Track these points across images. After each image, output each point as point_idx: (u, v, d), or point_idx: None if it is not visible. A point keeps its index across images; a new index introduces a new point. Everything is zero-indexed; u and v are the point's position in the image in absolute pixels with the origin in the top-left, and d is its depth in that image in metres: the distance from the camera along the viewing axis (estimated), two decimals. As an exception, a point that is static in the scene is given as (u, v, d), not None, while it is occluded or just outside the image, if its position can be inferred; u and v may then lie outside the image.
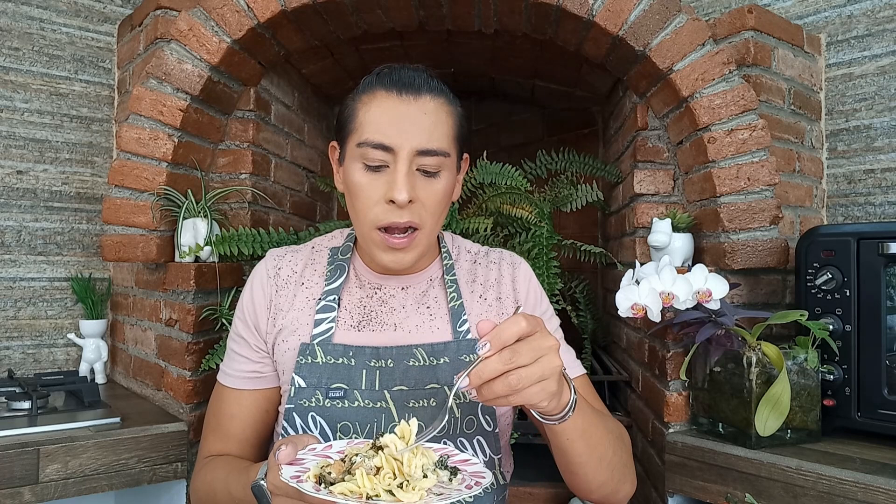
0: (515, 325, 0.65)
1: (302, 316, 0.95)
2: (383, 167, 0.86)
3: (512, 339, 0.64)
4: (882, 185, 1.39)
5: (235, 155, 1.47)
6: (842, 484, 0.94)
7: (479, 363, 0.65)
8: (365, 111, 0.87)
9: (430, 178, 0.87)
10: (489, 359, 0.64)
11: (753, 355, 1.06)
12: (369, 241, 0.89)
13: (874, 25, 1.40)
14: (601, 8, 1.24)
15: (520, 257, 1.05)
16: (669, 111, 1.32)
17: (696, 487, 1.12)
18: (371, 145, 0.85)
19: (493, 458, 0.89)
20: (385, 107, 0.86)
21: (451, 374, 0.89)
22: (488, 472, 0.69)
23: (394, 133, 0.85)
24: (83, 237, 1.68)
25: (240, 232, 1.36)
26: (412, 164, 0.85)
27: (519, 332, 0.65)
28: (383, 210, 0.86)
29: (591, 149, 1.92)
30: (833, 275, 1.10)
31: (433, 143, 0.86)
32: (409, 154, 0.84)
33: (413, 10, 1.38)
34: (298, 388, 0.89)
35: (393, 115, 0.86)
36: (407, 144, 0.84)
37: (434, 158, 0.86)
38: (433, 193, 0.87)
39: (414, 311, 0.95)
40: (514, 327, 0.64)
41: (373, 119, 0.86)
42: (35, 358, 1.62)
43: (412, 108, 0.86)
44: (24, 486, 1.08)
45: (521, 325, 0.65)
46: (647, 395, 1.34)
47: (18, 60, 1.60)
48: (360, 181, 0.87)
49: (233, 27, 1.31)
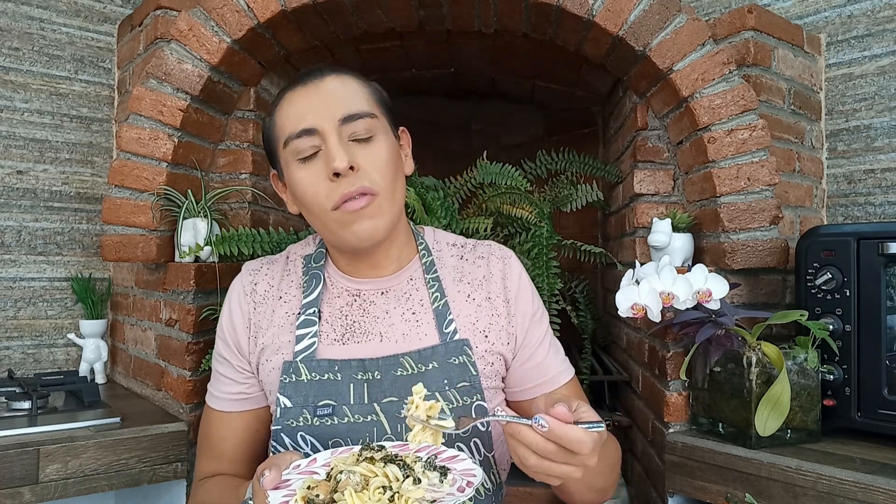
0: (581, 442, 0.64)
1: (282, 333, 0.91)
2: (317, 153, 0.85)
3: (566, 447, 0.64)
4: (882, 185, 1.39)
5: (235, 155, 1.47)
6: (842, 484, 0.94)
7: (526, 426, 0.65)
8: (280, 116, 0.88)
9: (365, 143, 0.85)
10: (536, 435, 0.65)
11: (753, 355, 1.06)
12: (333, 227, 0.86)
13: (874, 25, 1.40)
14: (601, 8, 1.24)
15: (509, 250, 1.00)
16: (669, 111, 1.32)
17: (696, 487, 1.12)
18: (295, 135, 0.84)
19: (487, 456, 0.88)
20: (295, 99, 0.87)
21: (440, 378, 0.87)
22: (478, 468, 0.68)
23: (311, 115, 0.84)
24: (83, 237, 1.68)
25: (240, 232, 1.36)
26: (342, 137, 0.84)
27: (579, 450, 0.64)
28: (331, 188, 0.83)
29: (591, 149, 1.92)
30: (833, 275, 1.10)
31: (353, 108, 0.85)
32: (333, 127, 0.84)
33: (413, 10, 1.38)
34: (284, 408, 0.85)
35: (304, 101, 0.86)
36: (327, 118, 0.84)
37: (360, 122, 0.85)
38: (374, 157, 0.85)
39: (399, 319, 0.91)
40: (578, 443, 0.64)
41: (288, 114, 0.87)
42: (35, 358, 1.62)
43: (320, 89, 0.86)
44: (24, 486, 1.08)
45: (585, 448, 0.64)
46: (647, 395, 1.34)
47: (18, 60, 1.60)
48: (300, 176, 0.85)
49: (233, 27, 1.31)
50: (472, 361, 0.88)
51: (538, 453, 0.65)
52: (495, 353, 0.92)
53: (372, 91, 0.91)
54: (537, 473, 0.67)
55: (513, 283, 0.95)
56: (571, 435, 0.64)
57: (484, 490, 0.87)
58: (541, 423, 0.64)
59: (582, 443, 0.64)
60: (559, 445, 0.64)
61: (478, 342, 0.91)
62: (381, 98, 0.92)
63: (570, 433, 0.64)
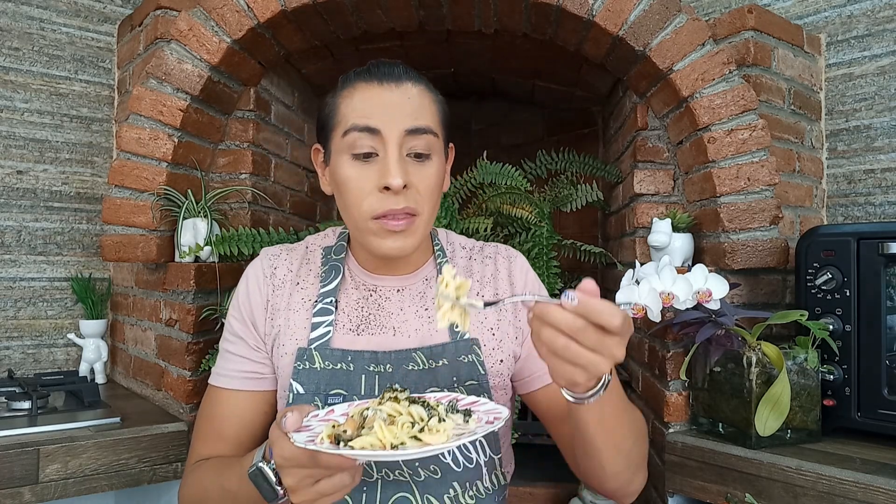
0: (612, 314, 0.60)
1: (298, 318, 0.92)
2: (372, 155, 0.84)
3: (596, 321, 0.60)
4: (882, 185, 1.39)
5: (235, 155, 1.47)
6: (842, 484, 0.94)
7: (554, 303, 0.61)
8: (347, 103, 0.87)
9: (422, 162, 0.86)
10: (564, 310, 0.61)
11: (753, 355, 1.06)
12: (365, 231, 0.86)
13: (874, 25, 1.40)
14: (601, 8, 1.24)
15: (515, 250, 1.02)
16: (669, 111, 1.32)
17: (696, 487, 1.12)
18: (358, 129, 0.83)
19: (493, 458, 0.89)
20: (367, 95, 0.86)
21: (450, 376, 0.88)
22: (503, 408, 0.67)
23: (379, 116, 0.83)
24: (83, 237, 1.68)
25: (240, 232, 1.36)
26: (402, 149, 0.84)
27: (609, 322, 0.60)
28: (378, 199, 0.83)
29: (591, 149, 1.92)
30: (833, 275, 1.10)
31: (420, 122, 0.85)
32: (398, 137, 0.83)
33: (413, 10, 1.38)
34: (297, 394, 0.86)
35: (376, 100, 0.85)
36: (395, 126, 0.83)
37: (423, 138, 0.85)
38: (426, 178, 0.86)
39: (413, 315, 0.93)
40: (609, 315, 0.60)
41: (356, 107, 0.85)
42: (35, 358, 1.62)
43: (395, 94, 0.85)
44: (24, 486, 1.08)
45: (616, 320, 0.60)
46: (647, 395, 1.34)
47: (18, 60, 1.60)
48: (349, 173, 0.85)
49: (233, 27, 1.31)
50: (480, 361, 0.90)
51: (566, 332, 0.61)
52: (503, 350, 0.93)
53: (440, 108, 0.91)
54: (563, 364, 0.63)
55: (519, 279, 0.97)
56: (601, 306, 0.60)
57: (486, 491, 0.87)
58: (570, 296, 0.60)
59: (612, 315, 0.60)
60: (588, 322, 0.60)
61: (486, 340, 0.93)
62: (444, 114, 0.92)
63: (599, 305, 0.60)
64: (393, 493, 0.83)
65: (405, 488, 0.83)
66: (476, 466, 0.85)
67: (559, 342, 0.62)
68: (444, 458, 0.84)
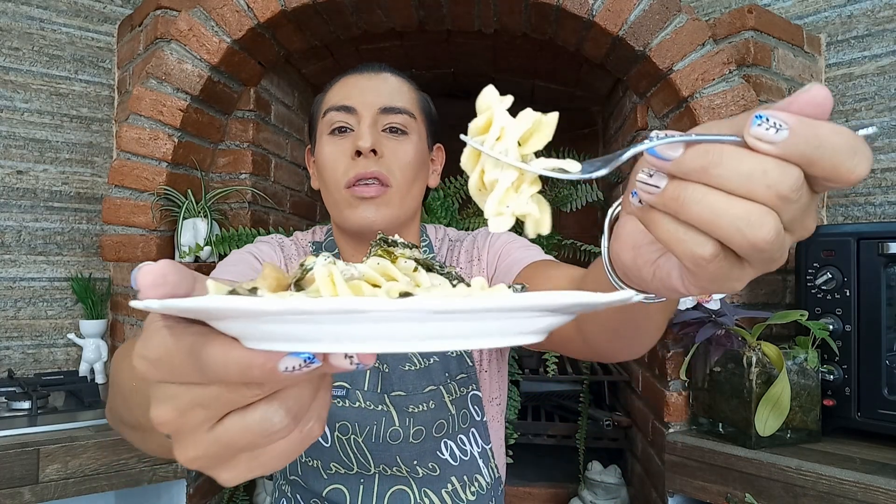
0: (855, 151, 0.31)
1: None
2: (347, 129, 0.86)
3: (828, 164, 0.31)
4: (882, 185, 1.39)
5: (235, 155, 1.47)
6: (842, 484, 0.94)
7: (727, 140, 0.31)
8: (330, 95, 0.90)
9: (397, 137, 0.87)
10: (755, 154, 0.31)
11: (753, 355, 1.06)
12: (341, 203, 0.86)
13: (874, 25, 1.40)
14: (601, 8, 1.24)
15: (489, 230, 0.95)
16: (669, 111, 1.32)
17: (696, 487, 1.12)
18: (335, 109, 0.87)
19: (484, 448, 0.88)
20: (346, 82, 0.89)
21: (442, 372, 0.87)
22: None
23: (356, 97, 0.87)
24: (83, 237, 1.68)
25: (240, 232, 1.36)
26: (376, 123, 0.86)
27: (849, 171, 0.31)
28: (350, 165, 0.84)
29: (591, 149, 1.92)
30: (833, 275, 1.10)
31: (396, 103, 0.87)
32: (371, 113, 0.86)
33: (413, 10, 1.38)
34: None
35: (354, 85, 0.88)
36: (370, 104, 0.86)
37: (398, 116, 0.87)
38: (400, 152, 0.86)
39: None
40: (849, 154, 0.31)
41: (335, 93, 0.89)
42: (35, 358, 1.62)
43: (374, 80, 0.89)
44: (24, 486, 1.08)
45: (862, 168, 0.31)
46: (647, 395, 1.34)
47: (18, 60, 1.60)
48: (326, 149, 0.87)
49: (233, 27, 1.31)
50: (468, 352, 0.90)
51: (764, 197, 0.30)
52: None
53: (420, 98, 0.93)
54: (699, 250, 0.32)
55: (486, 239, 0.92)
56: (838, 139, 0.31)
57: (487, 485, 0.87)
58: (767, 121, 0.30)
59: (855, 152, 0.31)
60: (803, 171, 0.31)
61: None
62: (426, 108, 0.94)
63: (835, 137, 0.31)
64: (390, 486, 0.83)
65: (403, 482, 0.83)
66: (471, 459, 0.85)
67: (755, 215, 0.31)
68: (442, 454, 0.84)
